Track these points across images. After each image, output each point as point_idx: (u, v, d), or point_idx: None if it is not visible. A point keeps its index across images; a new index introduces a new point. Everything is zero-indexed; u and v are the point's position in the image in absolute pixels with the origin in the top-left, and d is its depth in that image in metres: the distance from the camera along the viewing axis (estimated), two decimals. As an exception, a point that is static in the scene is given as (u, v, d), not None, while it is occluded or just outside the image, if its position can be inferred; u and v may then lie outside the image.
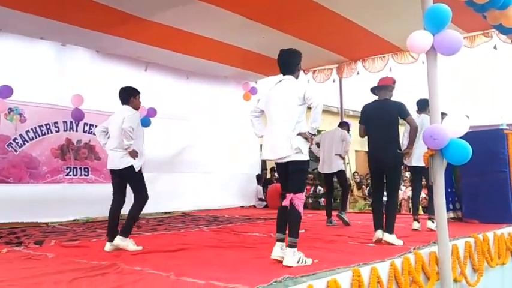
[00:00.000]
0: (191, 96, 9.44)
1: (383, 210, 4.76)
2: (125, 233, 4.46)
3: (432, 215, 5.12)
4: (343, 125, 7.01)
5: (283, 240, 3.60)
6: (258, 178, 10.93)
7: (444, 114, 4.22)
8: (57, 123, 7.63)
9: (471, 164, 3.89)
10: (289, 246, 3.47)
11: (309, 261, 3.46)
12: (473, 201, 6.01)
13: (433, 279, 3.75)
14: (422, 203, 9.91)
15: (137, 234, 5.64)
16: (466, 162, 3.72)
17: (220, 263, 3.66)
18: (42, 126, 7.46)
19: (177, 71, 9.13)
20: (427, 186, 6.08)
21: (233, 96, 10.23)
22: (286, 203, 3.61)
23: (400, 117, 4.78)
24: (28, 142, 7.28)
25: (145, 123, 6.66)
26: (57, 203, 7.19)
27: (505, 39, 6.98)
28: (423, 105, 5.68)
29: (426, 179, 5.87)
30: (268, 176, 11.29)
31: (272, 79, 9.25)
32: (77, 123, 7.80)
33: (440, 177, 3.77)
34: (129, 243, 4.41)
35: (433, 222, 5.10)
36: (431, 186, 3.90)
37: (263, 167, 11.30)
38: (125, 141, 4.48)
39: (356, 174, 12.70)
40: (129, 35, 7.21)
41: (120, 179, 4.63)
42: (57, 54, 7.60)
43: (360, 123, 5.01)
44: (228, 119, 10.12)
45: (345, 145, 6.66)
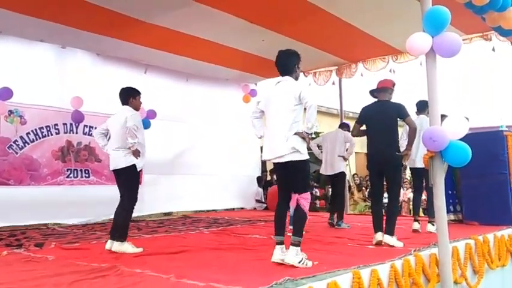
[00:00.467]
0: (191, 99, 9.42)
1: (383, 212, 4.77)
2: (121, 237, 4.44)
3: (432, 217, 5.13)
4: (343, 127, 7.00)
5: (282, 243, 3.61)
6: (258, 180, 10.92)
7: (444, 116, 4.22)
8: (57, 125, 7.63)
9: (471, 165, 3.89)
10: (292, 244, 3.48)
11: (310, 264, 3.46)
12: (473, 203, 6.02)
13: (433, 281, 3.75)
14: (422, 205, 9.91)
15: (137, 236, 5.65)
16: (465, 164, 3.72)
17: (220, 265, 3.66)
18: (42, 128, 7.46)
19: (176, 73, 9.11)
20: (426, 188, 6.09)
21: (233, 98, 10.21)
22: (292, 203, 3.62)
23: (399, 118, 4.79)
24: (29, 144, 7.27)
25: (145, 125, 6.61)
26: (58, 205, 7.18)
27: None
28: (422, 107, 5.70)
29: (426, 180, 5.88)
30: (269, 178, 11.27)
31: (272, 81, 9.23)
32: (77, 125, 7.80)
33: (440, 179, 3.78)
34: (127, 247, 4.39)
35: (433, 225, 5.10)
36: (431, 188, 3.90)
37: (263, 169, 11.28)
38: (129, 140, 4.47)
39: (356, 176, 12.69)
40: (129, 37, 7.20)
41: (122, 178, 4.63)
42: (57, 57, 7.59)
43: (357, 122, 5.04)
44: (227, 121, 10.10)
45: (349, 146, 6.64)
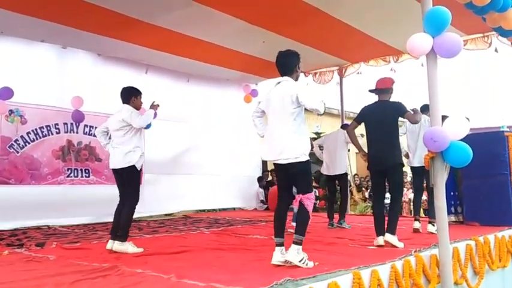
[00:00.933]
0: (191, 99, 9.42)
1: (384, 214, 4.76)
2: (122, 237, 4.44)
3: (432, 218, 5.12)
4: (345, 127, 6.99)
5: (282, 244, 3.60)
6: (259, 180, 10.93)
7: (445, 117, 4.22)
8: (57, 124, 7.63)
9: (472, 166, 3.89)
10: (294, 242, 3.48)
11: (311, 265, 3.45)
12: (474, 204, 6.01)
13: (434, 282, 3.74)
14: (424, 205, 9.88)
15: (138, 236, 5.66)
16: (466, 165, 3.72)
17: (221, 265, 3.66)
18: (43, 127, 7.47)
19: (177, 73, 9.12)
20: (427, 188, 6.09)
21: (234, 99, 10.22)
22: (295, 204, 3.63)
23: (399, 116, 4.77)
24: (29, 143, 7.28)
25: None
26: (58, 204, 7.19)
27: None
28: (425, 108, 5.70)
29: (427, 181, 5.87)
30: (269, 178, 11.27)
31: (272, 81, 9.21)
32: (77, 125, 7.81)
33: (440, 179, 3.76)
34: (128, 247, 4.40)
35: (434, 225, 5.09)
36: (432, 188, 3.90)
37: (264, 168, 11.28)
38: (140, 123, 4.49)
39: (356, 176, 12.68)
40: (130, 38, 7.20)
41: (122, 178, 4.62)
42: (58, 57, 7.60)
43: (355, 120, 5.06)
44: (228, 121, 10.10)
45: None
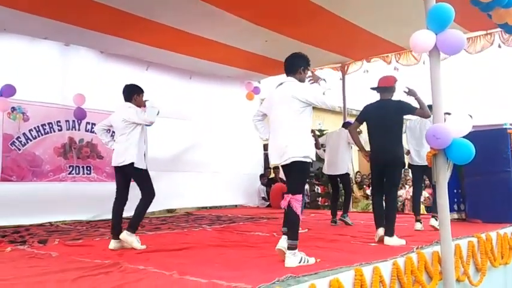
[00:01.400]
0: (193, 96, 9.43)
1: (383, 206, 4.73)
2: (132, 228, 4.47)
3: (436, 213, 5.10)
4: (347, 126, 6.96)
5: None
6: (261, 177, 10.93)
7: (447, 114, 4.21)
8: (59, 122, 7.65)
9: (474, 163, 3.88)
10: (288, 248, 3.45)
11: (312, 260, 3.44)
12: (477, 201, 6.01)
13: (436, 278, 3.74)
14: (425, 203, 9.86)
15: (141, 233, 5.64)
16: (469, 162, 3.71)
17: (223, 262, 3.66)
18: (45, 125, 7.48)
19: (179, 70, 9.13)
20: (431, 185, 6.06)
21: (236, 96, 10.22)
22: (284, 204, 3.57)
23: (408, 114, 4.76)
24: (31, 141, 7.29)
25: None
26: (60, 201, 7.21)
27: (508, 36, 6.93)
28: (430, 107, 5.68)
29: (430, 178, 5.85)
30: (272, 175, 11.27)
31: (275, 79, 9.23)
32: (79, 122, 7.83)
33: (443, 177, 3.76)
34: (134, 240, 4.42)
35: (436, 220, 5.07)
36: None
37: (266, 166, 11.29)
38: (148, 119, 4.50)
39: (358, 173, 12.66)
40: (133, 35, 7.20)
41: (125, 175, 4.62)
42: (61, 54, 7.61)
43: (356, 120, 5.05)
44: (230, 119, 10.10)
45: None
